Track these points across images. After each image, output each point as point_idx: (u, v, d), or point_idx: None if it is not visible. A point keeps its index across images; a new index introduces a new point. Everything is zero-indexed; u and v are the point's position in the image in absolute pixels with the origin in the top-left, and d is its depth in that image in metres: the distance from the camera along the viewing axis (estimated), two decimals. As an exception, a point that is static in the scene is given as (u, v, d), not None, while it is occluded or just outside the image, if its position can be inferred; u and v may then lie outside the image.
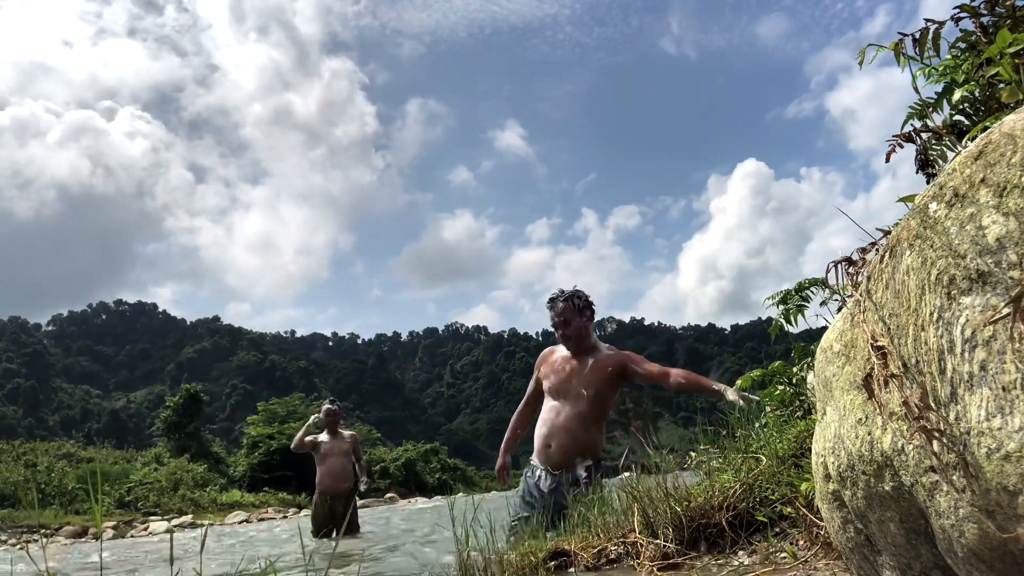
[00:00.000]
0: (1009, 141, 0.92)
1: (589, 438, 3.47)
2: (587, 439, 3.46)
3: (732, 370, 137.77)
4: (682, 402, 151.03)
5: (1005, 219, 0.89)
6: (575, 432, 3.45)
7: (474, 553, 2.40)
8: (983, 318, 0.89)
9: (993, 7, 1.64)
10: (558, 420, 3.50)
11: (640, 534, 2.34)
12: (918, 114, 1.81)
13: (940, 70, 1.77)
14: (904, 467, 1.06)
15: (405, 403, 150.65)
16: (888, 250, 1.13)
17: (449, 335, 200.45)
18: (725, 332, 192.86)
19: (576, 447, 3.45)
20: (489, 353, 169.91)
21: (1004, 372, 0.86)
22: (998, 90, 1.54)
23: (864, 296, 1.20)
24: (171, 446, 29.78)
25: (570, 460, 3.45)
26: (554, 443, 3.47)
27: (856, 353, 1.26)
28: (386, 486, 38.36)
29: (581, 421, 3.46)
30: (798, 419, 2.55)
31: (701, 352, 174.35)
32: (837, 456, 1.27)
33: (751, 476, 2.33)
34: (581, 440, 3.45)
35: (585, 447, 3.46)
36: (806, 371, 2.79)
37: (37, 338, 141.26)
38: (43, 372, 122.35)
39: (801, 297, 2.64)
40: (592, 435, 3.48)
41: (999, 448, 0.85)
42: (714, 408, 2.92)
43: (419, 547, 6.80)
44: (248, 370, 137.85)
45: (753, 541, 2.21)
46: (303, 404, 40.41)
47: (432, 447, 46.56)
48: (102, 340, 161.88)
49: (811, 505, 2.01)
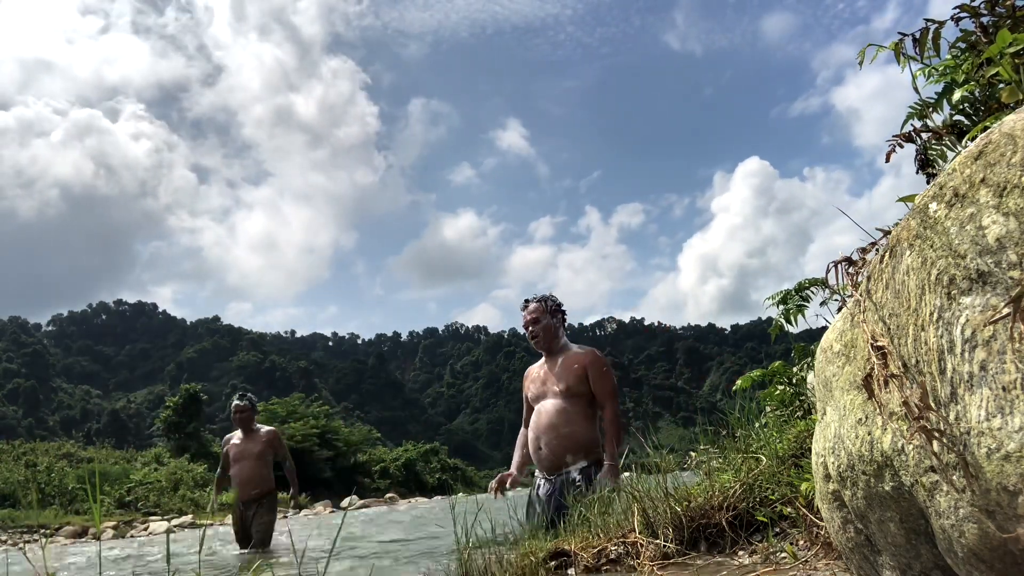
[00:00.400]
0: (1009, 141, 0.92)
1: (575, 431, 3.44)
2: (572, 432, 3.44)
3: (732, 370, 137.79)
4: (682, 402, 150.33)
5: (1005, 219, 0.89)
6: (559, 427, 3.45)
7: (475, 553, 2.40)
8: (983, 318, 0.89)
9: (993, 7, 1.64)
10: (541, 421, 3.52)
11: (640, 534, 2.34)
12: (918, 114, 1.81)
13: (940, 70, 1.77)
14: (904, 467, 1.06)
15: (405, 403, 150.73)
16: (888, 250, 1.13)
17: (449, 335, 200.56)
18: (725, 332, 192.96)
19: (564, 443, 3.43)
20: (489, 353, 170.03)
21: (1004, 372, 0.86)
22: (998, 90, 1.54)
23: (864, 296, 1.20)
24: (171, 446, 29.82)
25: (561, 459, 3.43)
26: (542, 443, 3.48)
27: (856, 353, 1.26)
28: (386, 486, 38.39)
29: (563, 416, 3.46)
30: (798, 419, 2.55)
31: (701, 352, 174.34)
32: (837, 456, 1.27)
33: (751, 476, 2.33)
34: (565, 434, 3.44)
35: (574, 443, 3.43)
36: (806, 371, 2.79)
37: (37, 338, 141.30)
38: (43, 372, 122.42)
39: (801, 297, 2.64)
40: (578, 429, 3.45)
41: (999, 448, 0.85)
42: (714, 408, 2.92)
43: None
44: (248, 370, 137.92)
45: (753, 541, 2.21)
46: (303, 404, 40.46)
47: (432, 447, 46.61)
48: (102, 340, 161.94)
49: (811, 505, 2.01)
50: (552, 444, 3.45)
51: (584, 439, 3.46)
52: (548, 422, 3.49)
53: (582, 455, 3.44)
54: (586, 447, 3.45)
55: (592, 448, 3.47)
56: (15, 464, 21.06)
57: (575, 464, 3.42)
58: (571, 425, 3.45)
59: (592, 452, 3.46)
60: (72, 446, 30.01)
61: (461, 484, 42.67)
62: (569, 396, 3.49)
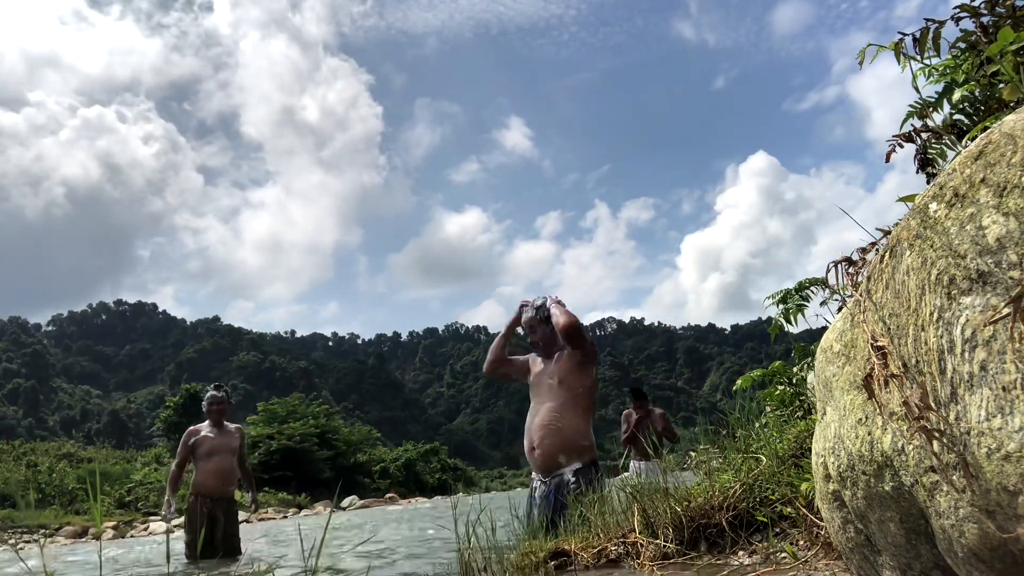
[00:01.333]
0: (1009, 141, 0.92)
1: (568, 431, 3.40)
2: (564, 431, 3.39)
3: (732, 370, 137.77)
4: (682, 402, 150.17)
5: (1005, 219, 0.89)
6: (551, 426, 3.41)
7: (475, 553, 2.40)
8: (983, 318, 0.89)
9: (993, 7, 1.64)
10: (535, 420, 3.49)
11: (640, 534, 2.34)
12: (918, 114, 1.81)
13: (940, 70, 1.77)
14: (904, 467, 1.06)
15: (405, 403, 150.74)
16: (888, 250, 1.13)
17: (449, 335, 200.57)
18: (725, 332, 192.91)
19: (556, 443, 3.39)
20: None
21: (1004, 372, 0.86)
22: (998, 89, 1.54)
23: (864, 296, 1.20)
24: (171, 446, 29.80)
25: (554, 460, 3.38)
26: (536, 444, 3.44)
27: (856, 353, 1.26)
28: (386, 486, 38.40)
29: (555, 415, 3.42)
30: (798, 419, 2.55)
31: (701, 352, 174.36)
32: (837, 456, 1.27)
33: (751, 476, 2.33)
34: (557, 433, 3.40)
35: (567, 443, 3.38)
36: (806, 371, 2.79)
37: (37, 338, 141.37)
38: (43, 372, 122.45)
39: (801, 297, 2.65)
40: (571, 427, 3.41)
41: (999, 448, 0.85)
42: (714, 408, 2.92)
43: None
44: (248, 370, 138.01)
45: (753, 541, 2.21)
46: (303, 404, 40.48)
47: (432, 447, 46.61)
48: (102, 340, 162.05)
49: (811, 505, 2.01)
50: (544, 444, 3.42)
51: (577, 439, 3.41)
52: (540, 421, 3.45)
53: (575, 456, 3.38)
54: (579, 447, 3.40)
55: (586, 448, 3.42)
56: (15, 464, 21.07)
57: (569, 465, 3.36)
58: (563, 424, 3.40)
59: (586, 453, 3.41)
60: (72, 446, 30.03)
61: (461, 484, 42.68)
62: (562, 390, 3.46)
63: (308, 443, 35.50)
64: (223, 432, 6.53)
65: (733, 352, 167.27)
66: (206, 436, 6.44)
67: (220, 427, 6.55)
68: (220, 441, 6.44)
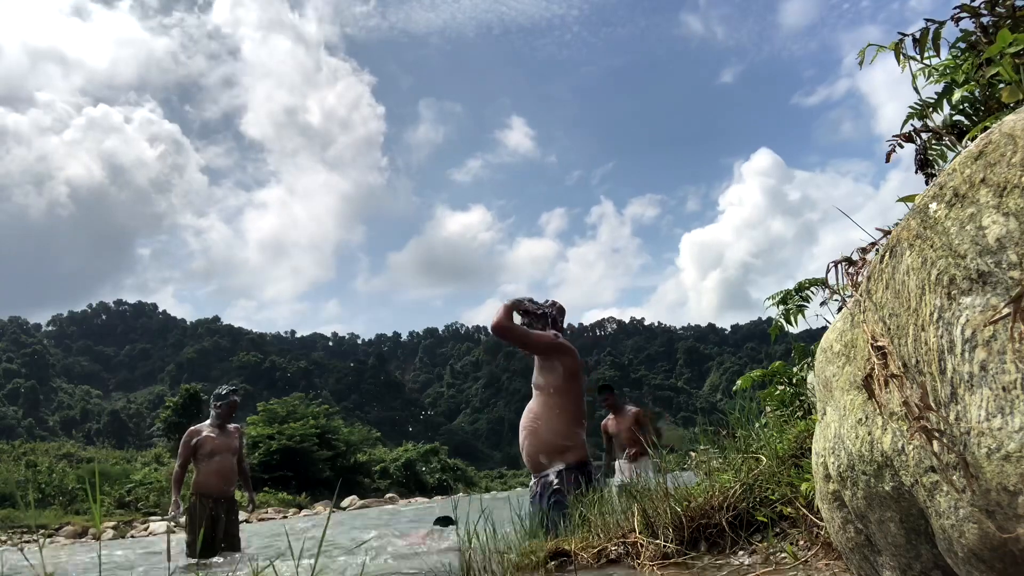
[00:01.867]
0: (1009, 141, 0.92)
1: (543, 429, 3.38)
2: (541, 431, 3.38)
3: (732, 370, 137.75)
4: (682, 402, 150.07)
5: (1005, 219, 0.89)
6: (526, 428, 3.43)
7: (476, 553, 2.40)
8: (983, 318, 0.89)
9: (993, 7, 1.64)
10: (525, 421, 3.50)
11: (640, 534, 2.34)
12: (918, 114, 1.81)
13: (940, 70, 1.77)
14: (904, 467, 1.06)
15: (405, 403, 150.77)
16: (888, 250, 1.14)
17: (449, 335, 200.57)
18: (725, 332, 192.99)
19: (534, 443, 3.39)
20: (489, 353, 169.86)
21: (1004, 372, 0.86)
22: (998, 90, 1.54)
23: (864, 296, 1.21)
24: (171, 446, 29.82)
25: (535, 461, 3.38)
26: (524, 445, 3.46)
27: (856, 353, 1.26)
28: (386, 486, 38.42)
29: (532, 415, 3.44)
30: (798, 419, 2.55)
31: (701, 352, 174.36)
32: (837, 456, 1.27)
33: (751, 476, 2.33)
34: (531, 431, 3.41)
35: (544, 443, 3.37)
36: (806, 371, 2.79)
37: (37, 338, 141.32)
38: (43, 372, 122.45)
39: (801, 297, 2.65)
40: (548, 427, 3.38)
41: (999, 448, 0.85)
42: (714, 408, 2.92)
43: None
44: (248, 370, 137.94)
45: (753, 541, 2.21)
46: (303, 404, 40.49)
47: (432, 447, 46.60)
48: (102, 340, 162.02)
49: (811, 505, 2.01)
50: (524, 446, 3.44)
51: (554, 440, 3.37)
52: (523, 422, 3.48)
53: (557, 456, 3.35)
54: (560, 448, 3.36)
55: (568, 448, 3.36)
56: (15, 464, 21.08)
57: (552, 467, 3.34)
58: (539, 424, 3.39)
59: (569, 453, 3.36)
60: (72, 446, 30.05)
61: (461, 484, 42.67)
62: (537, 391, 3.47)
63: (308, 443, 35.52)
64: (224, 432, 6.55)
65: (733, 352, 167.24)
66: (208, 436, 6.46)
67: (222, 427, 6.57)
68: (222, 441, 6.47)
